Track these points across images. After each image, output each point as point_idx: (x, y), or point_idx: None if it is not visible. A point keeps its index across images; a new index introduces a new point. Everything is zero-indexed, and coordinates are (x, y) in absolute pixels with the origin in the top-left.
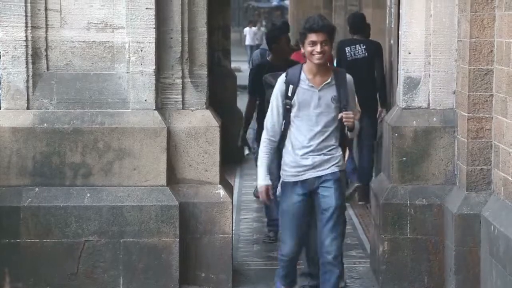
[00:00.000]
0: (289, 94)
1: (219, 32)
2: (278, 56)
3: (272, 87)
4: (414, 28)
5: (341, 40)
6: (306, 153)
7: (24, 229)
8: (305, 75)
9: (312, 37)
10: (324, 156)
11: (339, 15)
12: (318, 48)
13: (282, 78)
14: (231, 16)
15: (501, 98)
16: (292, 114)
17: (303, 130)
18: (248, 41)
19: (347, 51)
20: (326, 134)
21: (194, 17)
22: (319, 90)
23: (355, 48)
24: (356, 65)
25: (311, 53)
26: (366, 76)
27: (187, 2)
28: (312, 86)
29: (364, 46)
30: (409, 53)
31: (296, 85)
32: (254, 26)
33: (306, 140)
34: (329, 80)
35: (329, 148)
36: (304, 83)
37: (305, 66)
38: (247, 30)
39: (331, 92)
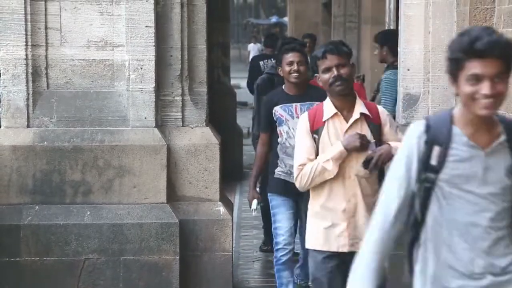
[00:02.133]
0: (434, 163)
1: (218, 49)
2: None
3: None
4: (413, 45)
5: (254, 56)
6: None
7: (24, 247)
8: (460, 129)
9: (476, 67)
10: (501, 277)
11: (338, 32)
12: (486, 88)
13: (418, 131)
14: (230, 33)
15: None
16: (436, 198)
17: (459, 225)
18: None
19: (261, 65)
20: (499, 235)
21: (194, 34)
22: (487, 155)
23: (267, 61)
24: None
25: (472, 97)
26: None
27: (186, 20)
28: (473, 147)
29: (275, 60)
30: (408, 70)
31: (447, 147)
32: (259, 42)
33: (463, 243)
34: (502, 138)
35: (507, 262)
36: (459, 143)
37: (457, 114)
38: (251, 46)
39: (505, 158)
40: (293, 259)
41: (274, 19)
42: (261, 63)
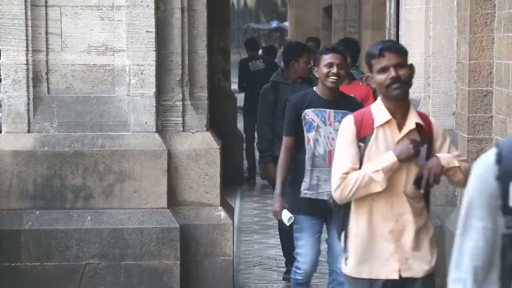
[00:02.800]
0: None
1: (218, 53)
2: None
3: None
4: (414, 49)
5: (242, 59)
6: None
7: (25, 252)
8: None
9: None
10: None
11: (339, 37)
12: None
13: (487, 164)
14: (230, 37)
15: (500, 119)
16: None
17: None
18: None
19: (249, 65)
20: None
21: (194, 39)
22: None
23: (255, 62)
24: (257, 75)
25: None
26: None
27: (187, 25)
28: None
29: (262, 60)
30: None
31: None
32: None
33: None
34: None
35: None
36: None
37: None
38: None
39: None
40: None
41: (274, 24)
42: (249, 63)
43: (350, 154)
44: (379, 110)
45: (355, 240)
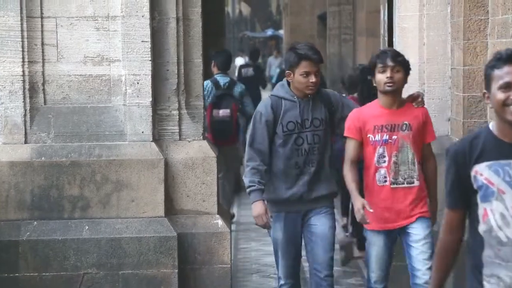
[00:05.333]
0: None
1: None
2: None
3: None
4: (408, 56)
5: (240, 65)
6: None
7: (23, 263)
8: None
9: None
10: None
11: (333, 44)
12: None
13: None
14: (226, 46)
15: None
16: None
17: None
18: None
19: (242, 71)
20: None
21: (190, 49)
22: None
23: (248, 69)
24: (247, 81)
25: None
26: (255, 87)
27: (182, 34)
28: None
29: (252, 68)
30: None
31: None
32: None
33: None
34: None
35: None
36: None
37: None
38: (238, 59)
39: None
40: None
41: (269, 32)
42: (242, 70)
43: None
44: None
45: None
